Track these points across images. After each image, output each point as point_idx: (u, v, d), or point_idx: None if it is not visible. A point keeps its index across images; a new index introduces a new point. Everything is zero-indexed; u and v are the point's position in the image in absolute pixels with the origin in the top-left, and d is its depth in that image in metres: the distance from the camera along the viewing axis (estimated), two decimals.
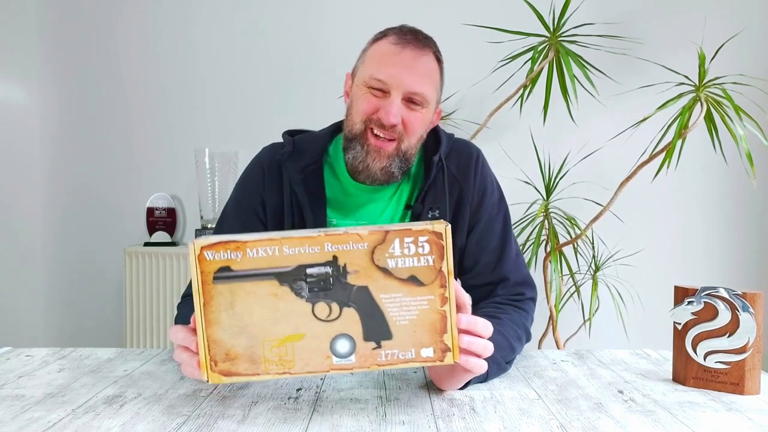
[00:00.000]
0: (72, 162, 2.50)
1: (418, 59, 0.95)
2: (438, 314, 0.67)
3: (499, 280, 1.01)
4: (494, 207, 1.05)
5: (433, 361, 0.67)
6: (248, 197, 1.05)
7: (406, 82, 0.94)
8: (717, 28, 2.22)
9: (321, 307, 0.66)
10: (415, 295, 0.66)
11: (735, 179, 2.31)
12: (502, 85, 2.20)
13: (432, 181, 1.02)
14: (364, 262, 0.66)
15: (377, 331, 0.67)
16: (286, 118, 2.43)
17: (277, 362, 0.67)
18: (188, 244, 0.65)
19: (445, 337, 0.67)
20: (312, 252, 0.65)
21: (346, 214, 1.04)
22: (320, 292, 0.66)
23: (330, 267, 0.66)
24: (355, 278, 0.66)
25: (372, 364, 0.67)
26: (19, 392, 0.80)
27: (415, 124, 0.97)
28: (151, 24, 2.46)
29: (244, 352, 0.66)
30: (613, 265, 2.23)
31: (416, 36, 0.97)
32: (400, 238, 0.66)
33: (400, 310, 0.66)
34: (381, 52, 0.96)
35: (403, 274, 0.66)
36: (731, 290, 0.81)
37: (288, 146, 1.04)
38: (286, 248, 0.65)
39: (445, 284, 0.66)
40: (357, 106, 0.98)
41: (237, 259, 0.65)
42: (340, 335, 0.67)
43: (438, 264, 0.66)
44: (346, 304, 0.66)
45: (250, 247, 0.65)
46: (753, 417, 0.73)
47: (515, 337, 0.91)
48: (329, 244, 0.65)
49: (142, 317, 2.28)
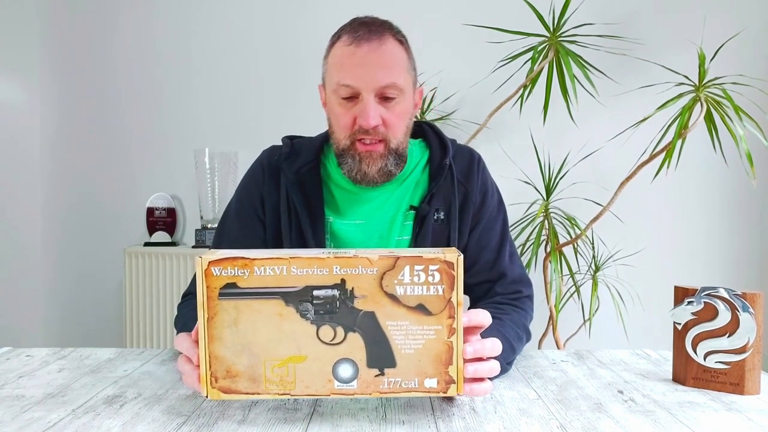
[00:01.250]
0: (72, 162, 2.50)
1: (377, 50, 0.92)
2: (444, 345, 0.66)
3: (497, 277, 1.02)
4: (495, 208, 1.07)
5: (436, 392, 0.66)
6: (249, 195, 1.06)
7: (374, 79, 0.91)
8: (717, 28, 2.22)
9: (325, 330, 0.66)
10: (422, 324, 0.65)
11: (735, 179, 2.31)
12: (502, 85, 2.20)
13: (438, 183, 1.03)
14: (372, 287, 0.65)
15: (381, 359, 0.66)
16: (286, 118, 2.43)
17: (278, 383, 0.66)
18: (196, 259, 0.65)
19: (450, 369, 0.66)
20: (320, 274, 0.65)
21: (343, 213, 1.04)
22: (326, 315, 0.65)
23: (337, 290, 0.65)
24: (362, 303, 0.65)
25: (374, 391, 0.66)
26: (19, 392, 0.80)
27: (395, 119, 0.95)
28: (151, 24, 2.46)
29: (245, 371, 0.66)
30: (613, 265, 2.23)
31: (369, 27, 0.94)
32: (411, 266, 0.65)
33: (405, 339, 0.66)
34: (339, 56, 0.94)
35: (411, 302, 0.65)
36: (731, 290, 0.81)
37: (286, 148, 1.06)
38: (294, 268, 0.65)
39: (454, 315, 0.65)
40: (336, 121, 0.97)
41: (244, 276, 0.65)
42: (343, 360, 0.66)
43: (448, 294, 0.65)
44: (352, 329, 0.65)
45: (258, 265, 0.65)
46: (753, 417, 0.73)
47: (516, 337, 0.91)
48: (338, 267, 0.65)
49: (142, 317, 2.28)
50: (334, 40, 0.97)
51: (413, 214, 1.03)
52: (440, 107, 2.32)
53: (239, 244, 1.04)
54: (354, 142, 0.96)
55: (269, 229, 1.04)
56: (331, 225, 1.03)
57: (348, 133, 0.96)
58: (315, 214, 1.02)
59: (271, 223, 1.04)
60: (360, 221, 1.04)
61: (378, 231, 1.03)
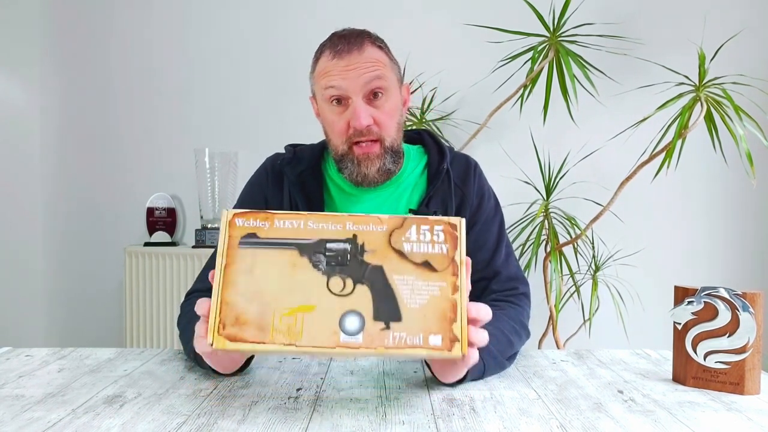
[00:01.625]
0: (72, 162, 2.50)
1: (358, 56, 0.97)
2: (449, 302, 0.67)
3: (493, 275, 1.04)
4: (491, 211, 1.09)
5: (440, 350, 0.66)
6: (253, 197, 1.10)
7: (358, 80, 0.96)
8: (717, 28, 2.22)
9: (336, 281, 0.68)
10: (427, 280, 0.68)
11: (735, 179, 2.31)
12: (502, 85, 2.20)
13: (436, 187, 1.05)
14: (381, 243, 0.69)
15: (387, 312, 0.67)
16: (286, 118, 2.43)
17: (285, 332, 0.66)
18: (222, 211, 0.70)
19: (454, 327, 0.67)
20: (334, 229, 0.69)
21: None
22: (337, 267, 0.68)
23: (349, 244, 0.69)
24: (371, 257, 0.68)
25: (379, 345, 0.66)
26: (19, 392, 0.80)
27: (386, 117, 1.00)
28: (151, 24, 2.46)
29: (254, 319, 0.67)
30: (613, 265, 2.23)
31: (347, 39, 1.00)
32: (417, 225, 0.70)
33: (411, 293, 0.67)
34: (323, 69, 1.00)
35: (417, 258, 0.68)
36: (731, 290, 0.81)
37: (288, 154, 1.10)
38: (311, 223, 0.70)
39: (457, 273, 0.68)
40: (331, 128, 1.02)
41: (264, 227, 0.69)
42: (350, 312, 0.67)
43: (451, 253, 0.68)
44: (360, 281, 0.68)
45: (278, 218, 0.70)
46: (753, 417, 0.73)
47: (512, 331, 0.92)
48: (350, 224, 0.69)
49: (142, 317, 2.28)
50: (317, 56, 1.03)
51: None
52: (440, 107, 2.32)
53: None
54: (351, 147, 1.00)
55: None
56: None
57: (344, 138, 1.00)
58: None
59: None
60: None
61: None
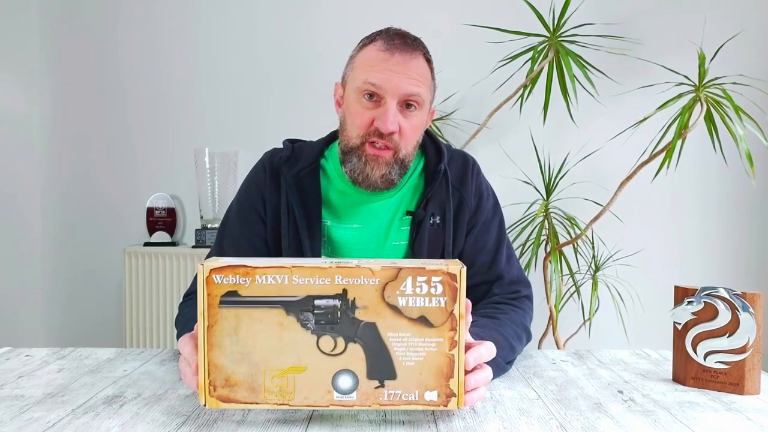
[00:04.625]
0: (72, 162, 2.50)
1: (409, 62, 0.95)
2: (446, 358, 0.65)
3: (495, 278, 1.03)
4: (490, 211, 1.08)
5: (436, 405, 0.66)
6: (251, 196, 1.07)
7: (400, 86, 0.94)
8: (717, 28, 2.22)
9: (326, 341, 0.65)
10: (423, 336, 0.65)
11: (735, 179, 2.31)
12: (502, 85, 2.20)
13: (434, 189, 1.03)
14: (374, 298, 0.65)
15: (381, 370, 0.65)
16: (286, 118, 2.43)
17: (277, 393, 0.66)
18: (197, 266, 0.66)
19: (451, 382, 0.66)
20: (322, 284, 0.65)
21: (341, 216, 1.05)
22: (327, 325, 0.65)
23: (339, 300, 0.65)
24: (363, 314, 0.65)
25: (373, 403, 0.66)
26: (18, 392, 0.80)
27: (411, 130, 0.97)
28: (151, 24, 2.46)
29: (244, 380, 0.66)
30: (613, 265, 2.23)
31: (404, 39, 0.97)
32: (413, 277, 0.65)
33: (407, 351, 0.65)
34: (371, 58, 0.96)
35: (413, 313, 0.65)
36: (731, 290, 0.81)
37: (287, 151, 1.07)
38: (296, 278, 0.65)
39: (456, 328, 0.65)
40: (352, 119, 0.98)
41: (245, 284, 0.65)
42: (343, 371, 0.66)
43: (450, 306, 0.65)
44: (352, 340, 0.65)
45: (260, 274, 0.65)
46: (753, 417, 0.73)
47: (515, 336, 0.91)
48: (339, 277, 0.65)
49: (142, 317, 2.28)
50: (366, 42, 0.99)
51: (409, 219, 1.04)
52: (440, 107, 2.32)
53: (241, 245, 1.04)
54: (364, 143, 0.97)
55: (270, 230, 1.05)
56: (328, 228, 1.04)
57: (362, 133, 0.97)
58: (312, 217, 1.02)
59: (271, 224, 1.05)
60: (357, 225, 1.04)
61: (374, 235, 1.03)
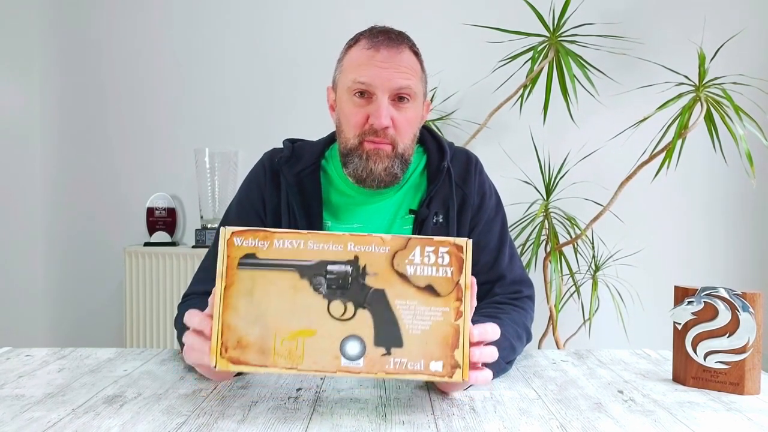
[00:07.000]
0: (72, 162, 2.50)
1: (396, 56, 0.96)
2: (451, 328, 0.66)
3: (497, 278, 1.02)
4: (492, 210, 1.07)
5: (441, 376, 0.66)
6: (250, 196, 1.07)
7: (390, 79, 0.94)
8: (717, 28, 2.22)
9: (336, 305, 0.67)
10: (430, 305, 0.66)
11: (735, 179, 2.31)
12: (502, 85, 2.20)
13: (437, 187, 1.03)
14: (383, 265, 0.67)
15: (389, 338, 0.66)
16: (286, 118, 2.43)
17: (286, 356, 0.66)
18: (220, 229, 0.69)
19: (456, 353, 0.66)
20: (335, 249, 0.67)
21: (341, 217, 1.05)
22: (338, 290, 0.67)
23: (350, 266, 0.67)
24: (373, 280, 0.67)
25: (379, 370, 0.66)
26: (19, 392, 0.80)
27: (405, 123, 0.98)
28: (151, 24, 2.46)
29: (255, 342, 0.67)
30: (613, 265, 2.23)
31: (388, 35, 0.98)
32: (421, 246, 0.67)
33: (413, 319, 0.66)
34: (357, 58, 0.97)
35: (420, 282, 0.67)
36: (731, 290, 0.81)
37: (287, 151, 1.07)
38: (311, 243, 0.67)
39: (461, 298, 0.66)
40: (347, 119, 0.99)
41: (263, 247, 0.67)
42: (351, 336, 0.66)
43: (456, 276, 0.66)
44: (362, 305, 0.66)
45: (278, 238, 0.67)
46: (753, 417, 0.73)
47: (515, 336, 0.91)
48: (352, 244, 0.67)
49: (142, 317, 2.28)
50: (351, 44, 1.00)
51: (412, 218, 1.03)
52: (440, 107, 2.32)
53: None
54: (362, 142, 0.97)
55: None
56: (328, 229, 1.03)
57: (358, 132, 0.97)
58: (312, 217, 1.02)
59: (271, 224, 1.04)
60: (357, 225, 1.04)
61: None
